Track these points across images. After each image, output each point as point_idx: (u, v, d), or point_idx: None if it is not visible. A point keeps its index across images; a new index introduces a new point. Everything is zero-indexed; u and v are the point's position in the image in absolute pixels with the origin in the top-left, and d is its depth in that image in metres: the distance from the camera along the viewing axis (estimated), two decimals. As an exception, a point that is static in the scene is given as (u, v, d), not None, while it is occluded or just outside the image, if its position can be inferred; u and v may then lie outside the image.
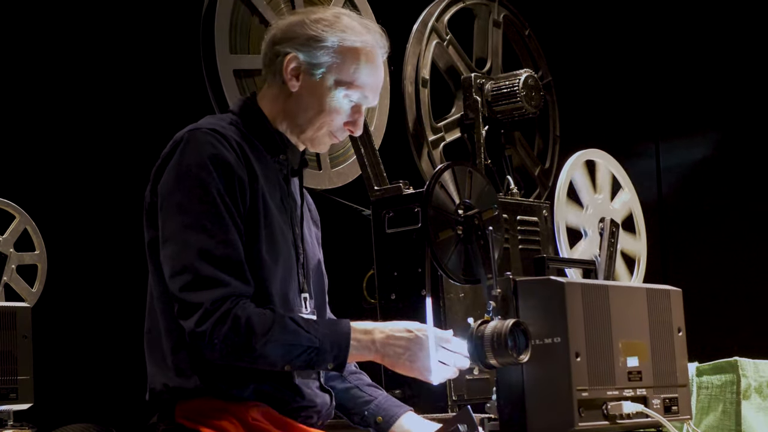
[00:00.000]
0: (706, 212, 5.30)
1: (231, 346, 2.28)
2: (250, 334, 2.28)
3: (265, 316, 2.31)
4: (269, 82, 2.56)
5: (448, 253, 2.36)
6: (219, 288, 2.29)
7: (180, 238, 2.32)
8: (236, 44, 3.29)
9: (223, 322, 2.27)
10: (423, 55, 3.72)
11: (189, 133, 2.40)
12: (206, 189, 2.33)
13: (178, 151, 2.39)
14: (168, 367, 2.39)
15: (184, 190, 2.34)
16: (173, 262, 2.32)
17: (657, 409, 2.31)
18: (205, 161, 2.34)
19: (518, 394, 2.20)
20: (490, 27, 3.98)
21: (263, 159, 2.47)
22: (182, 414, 2.38)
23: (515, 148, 4.01)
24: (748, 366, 3.31)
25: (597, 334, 2.23)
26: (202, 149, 2.36)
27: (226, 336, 2.27)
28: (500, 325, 2.19)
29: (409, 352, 2.38)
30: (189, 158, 2.36)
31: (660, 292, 2.40)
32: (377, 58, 2.55)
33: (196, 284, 2.29)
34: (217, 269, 2.29)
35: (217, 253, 2.30)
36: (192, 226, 2.31)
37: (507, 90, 3.79)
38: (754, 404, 3.31)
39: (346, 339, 2.35)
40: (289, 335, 2.31)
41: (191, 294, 2.29)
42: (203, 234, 2.31)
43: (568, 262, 3.01)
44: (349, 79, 2.49)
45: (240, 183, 2.37)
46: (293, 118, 2.52)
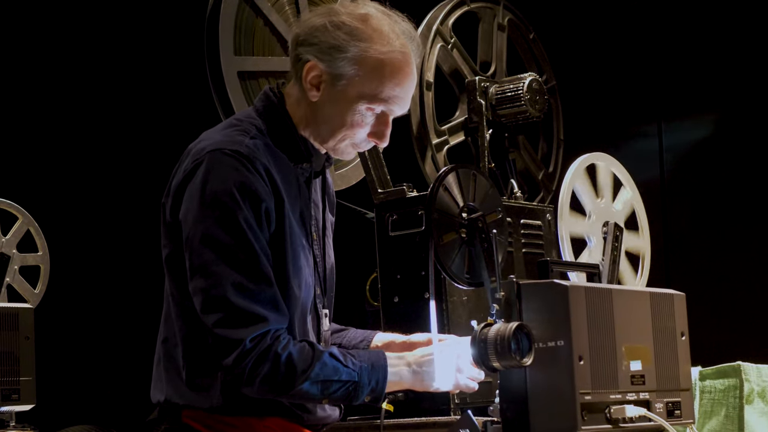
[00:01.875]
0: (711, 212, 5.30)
1: (270, 384, 2.25)
2: (290, 372, 2.24)
3: (305, 352, 2.26)
4: (294, 81, 2.44)
5: (452, 256, 2.35)
6: (257, 324, 2.23)
7: (211, 270, 2.24)
8: (240, 46, 3.29)
9: (262, 361, 2.23)
10: (427, 58, 3.73)
11: (211, 156, 2.29)
12: (235, 219, 2.24)
13: (200, 174, 2.28)
14: (182, 380, 2.35)
15: (210, 220, 2.25)
16: (205, 296, 2.25)
17: (660, 413, 2.31)
18: (231, 189, 2.24)
19: (521, 397, 2.19)
20: (494, 30, 3.98)
21: (286, 169, 2.38)
22: (189, 416, 2.35)
23: (519, 152, 4.01)
24: (751, 370, 3.31)
25: (600, 337, 2.22)
26: (227, 176, 2.25)
27: (266, 375, 2.23)
28: (503, 328, 2.18)
29: (448, 371, 2.37)
30: (214, 185, 2.26)
31: (663, 296, 2.39)
32: (405, 66, 2.38)
33: (232, 320, 2.23)
34: (253, 303, 2.23)
35: (251, 287, 2.24)
36: (222, 258, 2.24)
37: (511, 94, 3.79)
38: (757, 409, 3.30)
39: (384, 371, 2.33)
40: (329, 371, 2.28)
41: (228, 330, 2.23)
42: (235, 267, 2.23)
43: (572, 265, 3.00)
44: (373, 92, 2.35)
45: (267, 211, 2.29)
46: (315, 126, 2.41)
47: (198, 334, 2.32)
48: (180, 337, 2.35)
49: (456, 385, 2.41)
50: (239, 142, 2.31)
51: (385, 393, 2.34)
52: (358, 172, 3.51)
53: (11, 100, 5.14)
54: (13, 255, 4.44)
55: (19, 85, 5.17)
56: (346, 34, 2.36)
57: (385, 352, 2.38)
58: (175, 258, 2.35)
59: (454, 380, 2.39)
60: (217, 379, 2.31)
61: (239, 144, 2.30)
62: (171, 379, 2.36)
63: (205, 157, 2.29)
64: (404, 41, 2.39)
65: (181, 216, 2.30)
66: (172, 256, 2.36)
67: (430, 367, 2.37)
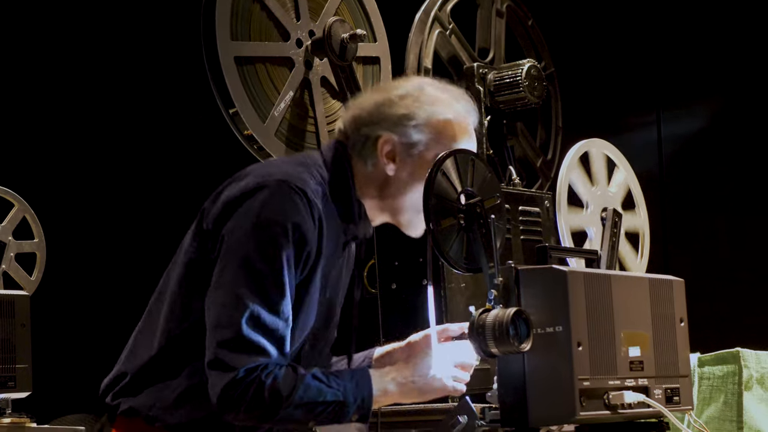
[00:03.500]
0: (710, 199, 5.30)
1: (255, 411, 2.24)
2: (274, 398, 2.22)
3: (288, 377, 2.25)
4: (356, 159, 2.45)
5: (450, 242, 2.33)
6: (258, 356, 2.22)
7: (236, 291, 2.23)
8: (237, 31, 3.28)
9: (249, 389, 2.21)
10: (425, 45, 3.71)
11: (278, 184, 2.29)
12: (278, 253, 2.24)
13: (261, 197, 2.28)
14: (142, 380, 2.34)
15: (254, 244, 2.25)
16: (221, 312, 2.24)
17: (658, 400, 2.30)
18: (286, 224, 2.25)
19: (519, 383, 2.18)
20: (493, 17, 3.97)
21: (334, 224, 2.39)
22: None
23: (517, 139, 4.00)
24: (750, 357, 3.31)
25: (599, 323, 2.21)
26: (287, 210, 2.27)
27: (250, 404, 2.21)
28: (502, 313, 2.17)
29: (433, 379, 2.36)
30: (271, 213, 2.26)
31: (662, 282, 2.39)
32: (470, 125, 2.47)
33: (237, 345, 2.22)
34: (263, 337, 2.23)
35: (267, 320, 2.23)
36: (252, 284, 2.24)
37: (510, 80, 3.78)
38: (756, 395, 3.30)
39: (368, 387, 2.32)
40: (313, 393, 2.26)
41: (229, 354, 2.22)
42: (260, 296, 2.23)
43: (571, 251, 3.00)
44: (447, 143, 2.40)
45: (307, 257, 2.30)
46: (392, 200, 2.45)
47: (188, 340, 2.30)
48: (165, 332, 2.34)
49: (443, 391, 2.39)
50: (307, 183, 2.33)
51: (372, 409, 2.33)
52: (356, 159, 3.49)
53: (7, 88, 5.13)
54: (9, 242, 4.44)
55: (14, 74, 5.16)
56: (411, 103, 2.42)
57: (370, 370, 2.36)
58: (199, 265, 2.34)
59: (442, 387, 2.38)
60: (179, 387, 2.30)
61: (306, 185, 2.32)
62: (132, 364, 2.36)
63: (272, 183, 2.30)
64: (462, 102, 2.48)
65: (226, 230, 2.30)
66: (196, 263, 2.34)
67: (415, 377, 2.36)
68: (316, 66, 3.42)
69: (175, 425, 2.31)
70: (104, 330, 5.13)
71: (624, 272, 3.38)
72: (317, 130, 3.44)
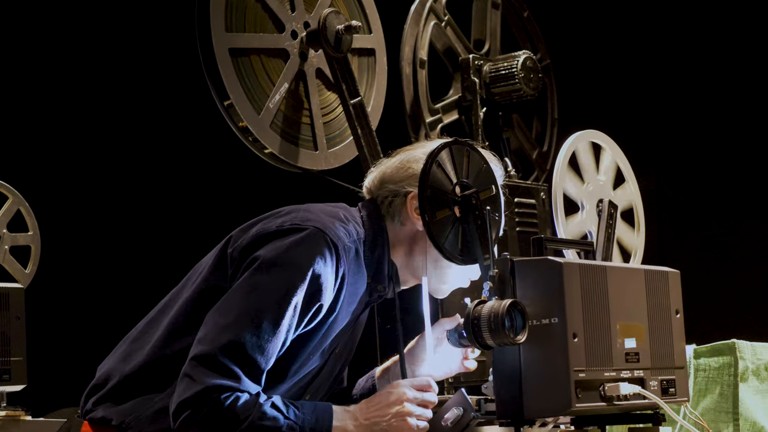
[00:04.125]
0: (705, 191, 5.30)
1: (207, 429, 2.22)
2: (227, 420, 2.22)
3: (248, 403, 2.24)
4: (387, 219, 2.46)
5: (445, 233, 2.33)
6: (226, 380, 2.22)
7: (233, 314, 2.25)
8: (232, 22, 3.26)
9: (205, 406, 2.21)
10: (421, 36, 3.70)
11: (315, 233, 2.30)
12: (290, 294, 2.25)
13: (294, 238, 2.29)
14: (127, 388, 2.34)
15: (269, 279, 2.26)
16: (210, 329, 2.25)
17: (654, 391, 2.30)
18: (307, 271, 2.26)
19: (515, 375, 2.18)
20: (488, 8, 3.96)
21: (360, 283, 2.40)
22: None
23: (513, 131, 4.00)
24: (745, 348, 3.30)
25: (595, 315, 2.21)
26: (314, 258, 2.27)
27: (203, 420, 2.21)
28: (497, 305, 2.17)
29: (397, 418, 2.34)
30: (298, 255, 2.27)
31: (658, 274, 2.38)
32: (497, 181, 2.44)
33: (212, 365, 2.22)
34: (237, 366, 2.23)
35: (249, 353, 2.23)
36: (249, 314, 2.24)
37: (505, 72, 3.77)
38: (752, 387, 3.29)
39: (327, 425, 2.31)
40: (268, 421, 2.25)
41: (200, 369, 2.22)
42: (252, 329, 2.23)
43: (567, 242, 2.99)
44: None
45: (317, 310, 2.31)
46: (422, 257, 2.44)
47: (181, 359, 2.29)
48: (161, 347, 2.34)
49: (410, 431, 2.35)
50: (342, 239, 2.34)
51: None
52: (351, 151, 3.49)
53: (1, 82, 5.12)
54: (3, 235, 4.43)
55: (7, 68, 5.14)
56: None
57: (333, 406, 2.34)
58: (213, 291, 2.34)
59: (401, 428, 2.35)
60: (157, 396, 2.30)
61: (341, 241, 2.34)
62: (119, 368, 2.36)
63: (310, 229, 2.31)
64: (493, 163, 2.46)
65: (251, 259, 2.30)
66: (211, 288, 2.34)
67: (378, 419, 2.33)
68: (311, 58, 3.41)
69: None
70: (99, 323, 5.12)
71: (619, 264, 3.38)
72: (312, 122, 3.43)
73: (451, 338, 2.46)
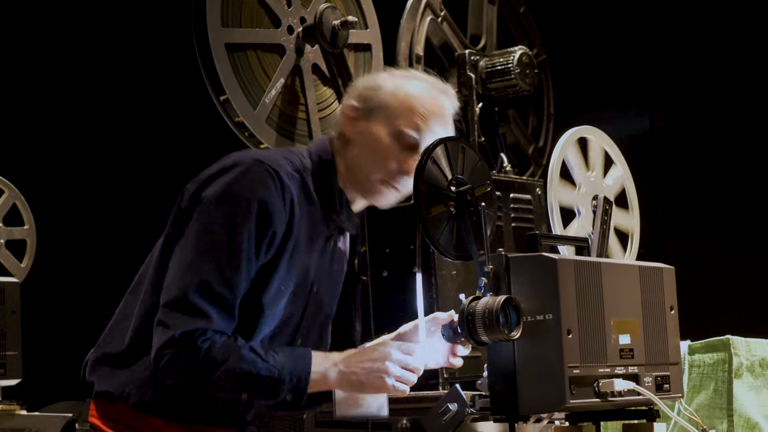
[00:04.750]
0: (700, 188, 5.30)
1: (186, 374, 2.27)
2: (206, 363, 2.25)
3: (225, 346, 2.27)
4: (339, 148, 2.49)
5: (440, 230, 2.33)
6: (199, 320, 2.26)
7: (191, 256, 2.29)
8: (228, 17, 3.27)
9: (183, 352, 2.25)
10: (417, 31, 3.71)
11: (253, 163, 2.34)
12: (239, 227, 2.29)
13: (234, 173, 2.33)
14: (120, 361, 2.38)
15: (217, 215, 2.30)
16: (174, 274, 2.30)
17: (649, 387, 2.30)
18: (252, 200, 2.30)
19: (509, 371, 2.18)
20: (485, 4, 3.97)
21: (315, 215, 2.43)
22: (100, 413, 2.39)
23: (509, 126, 4.00)
24: (740, 344, 3.31)
25: (589, 311, 2.21)
26: (255, 187, 2.31)
27: (182, 365, 2.25)
28: (492, 301, 2.17)
29: (374, 374, 2.35)
30: (240, 187, 2.31)
31: (653, 270, 2.38)
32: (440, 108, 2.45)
33: (180, 307, 2.26)
34: (207, 303, 2.27)
35: (215, 289, 2.27)
36: (207, 252, 2.29)
37: (501, 67, 3.78)
38: (746, 383, 3.30)
39: (306, 370, 2.33)
40: (246, 364, 2.28)
41: (171, 314, 2.27)
42: (213, 265, 2.28)
43: (561, 239, 2.99)
44: (401, 124, 2.42)
45: (273, 237, 2.33)
46: (350, 168, 2.46)
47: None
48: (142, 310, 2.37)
49: (384, 389, 2.38)
50: (283, 166, 2.37)
51: (308, 392, 2.33)
52: (347, 146, 3.49)
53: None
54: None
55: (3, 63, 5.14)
56: (385, 76, 2.48)
57: (312, 351, 2.36)
58: (174, 242, 2.37)
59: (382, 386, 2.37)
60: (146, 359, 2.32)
61: (281, 168, 2.36)
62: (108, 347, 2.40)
63: (248, 162, 2.35)
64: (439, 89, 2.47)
65: (198, 201, 2.34)
66: (172, 240, 2.38)
67: (358, 369, 2.35)
68: (308, 53, 3.41)
69: (146, 403, 2.33)
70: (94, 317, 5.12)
71: (614, 260, 3.38)
72: (308, 117, 3.44)
73: (445, 333, 2.46)
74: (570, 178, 3.49)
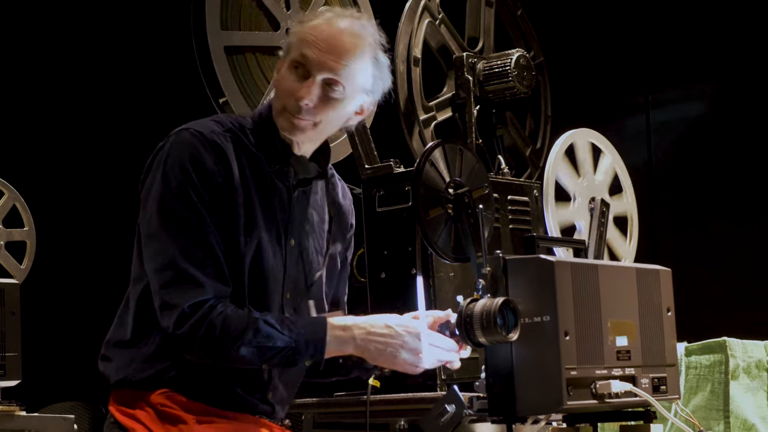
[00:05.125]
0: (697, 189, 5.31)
1: (207, 350, 2.34)
2: (224, 338, 2.32)
3: (240, 319, 2.34)
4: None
5: (438, 232, 2.35)
6: (196, 289, 2.33)
7: (161, 235, 2.37)
8: (227, 20, 3.28)
9: (199, 327, 2.32)
10: (415, 34, 3.71)
11: (176, 134, 2.44)
12: (185, 190, 2.37)
13: (165, 150, 2.43)
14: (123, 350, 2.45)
15: (165, 190, 2.38)
16: (156, 258, 2.38)
17: (645, 389, 2.31)
18: (185, 163, 2.38)
19: (507, 372, 2.19)
20: (482, 6, 3.97)
21: (260, 168, 2.47)
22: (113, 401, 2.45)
23: (507, 128, 4.00)
24: (736, 346, 3.32)
25: (586, 313, 2.22)
26: (184, 151, 2.40)
27: (201, 341, 2.32)
28: (489, 303, 2.18)
29: (391, 348, 2.40)
30: (172, 159, 2.39)
31: (649, 272, 2.40)
32: (326, 32, 2.46)
33: (176, 282, 2.34)
34: (197, 269, 2.34)
35: (196, 253, 2.35)
36: (172, 225, 2.36)
37: (499, 70, 3.78)
38: (743, 384, 3.31)
39: (323, 336, 2.37)
40: (263, 338, 2.34)
41: (170, 293, 2.34)
42: (183, 234, 2.35)
43: (559, 241, 3.00)
44: (293, 54, 2.47)
45: (218, 188, 2.39)
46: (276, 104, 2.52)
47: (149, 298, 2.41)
48: (134, 299, 2.45)
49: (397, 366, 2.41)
50: (205, 126, 2.44)
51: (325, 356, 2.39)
52: (345, 148, 3.50)
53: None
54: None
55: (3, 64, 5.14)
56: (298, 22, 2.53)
57: (329, 321, 2.40)
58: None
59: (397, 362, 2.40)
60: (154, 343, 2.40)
61: (204, 128, 2.44)
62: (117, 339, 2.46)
63: (172, 135, 2.44)
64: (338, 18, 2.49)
65: (146, 187, 2.43)
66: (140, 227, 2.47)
67: (373, 346, 2.39)
68: (306, 55, 3.42)
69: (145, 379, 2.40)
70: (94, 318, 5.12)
71: (611, 262, 3.39)
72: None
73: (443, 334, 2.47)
74: (564, 192, 3.51)
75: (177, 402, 2.39)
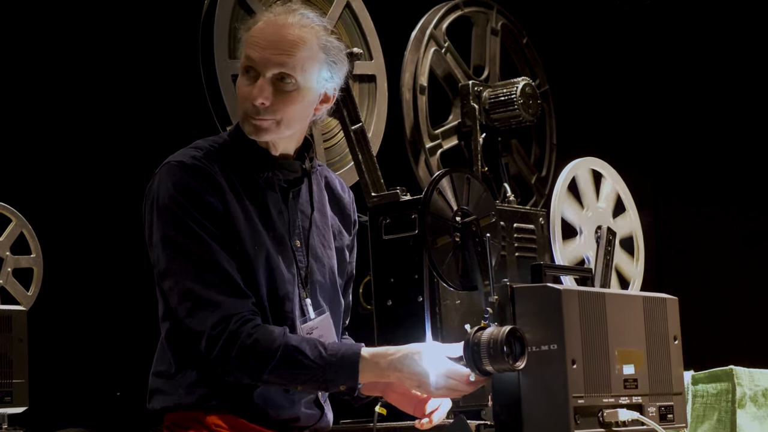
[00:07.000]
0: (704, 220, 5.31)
1: (243, 371, 2.36)
2: (258, 363, 2.35)
3: (271, 344, 2.35)
4: None
5: (445, 260, 2.35)
6: (215, 310, 2.36)
7: (172, 268, 2.40)
8: (235, 49, 3.30)
9: (230, 348, 2.35)
10: (421, 63, 3.74)
11: (159, 171, 2.48)
12: (183, 221, 2.40)
13: (153, 189, 2.47)
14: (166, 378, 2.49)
15: (164, 226, 2.42)
16: (173, 293, 2.41)
17: (652, 417, 2.31)
18: (175, 194, 2.41)
19: (514, 401, 2.20)
20: (488, 35, 3.99)
21: (245, 178, 2.50)
22: (167, 422, 2.49)
23: (512, 156, 4.02)
24: (743, 375, 3.31)
25: (593, 341, 2.23)
26: (171, 183, 2.43)
27: (236, 366, 2.36)
28: (497, 331, 2.19)
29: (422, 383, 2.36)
30: (162, 194, 2.43)
31: (656, 300, 2.40)
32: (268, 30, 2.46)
33: (195, 309, 2.37)
34: (212, 292, 2.37)
35: (209, 278, 2.37)
36: (179, 256, 2.39)
37: (504, 98, 3.80)
38: (749, 413, 3.31)
39: (355, 365, 2.36)
40: (295, 368, 2.35)
41: (193, 321, 2.38)
42: (191, 263, 2.38)
43: (565, 269, 3.01)
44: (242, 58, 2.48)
45: (212, 210, 2.42)
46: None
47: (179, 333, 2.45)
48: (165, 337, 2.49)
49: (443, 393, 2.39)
50: (184, 155, 2.48)
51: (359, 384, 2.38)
52: (352, 176, 3.51)
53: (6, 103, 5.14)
54: (6, 257, 4.44)
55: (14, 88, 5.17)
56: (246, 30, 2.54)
57: (365, 349, 2.38)
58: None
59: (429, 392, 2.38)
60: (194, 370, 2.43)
61: (183, 156, 2.48)
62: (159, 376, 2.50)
63: (157, 172, 2.48)
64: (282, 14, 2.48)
65: (147, 230, 2.47)
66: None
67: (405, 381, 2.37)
68: (313, 84, 3.43)
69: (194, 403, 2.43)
70: (101, 345, 5.14)
71: (618, 290, 3.39)
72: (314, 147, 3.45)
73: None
74: (578, 197, 3.49)
75: (225, 421, 2.42)
